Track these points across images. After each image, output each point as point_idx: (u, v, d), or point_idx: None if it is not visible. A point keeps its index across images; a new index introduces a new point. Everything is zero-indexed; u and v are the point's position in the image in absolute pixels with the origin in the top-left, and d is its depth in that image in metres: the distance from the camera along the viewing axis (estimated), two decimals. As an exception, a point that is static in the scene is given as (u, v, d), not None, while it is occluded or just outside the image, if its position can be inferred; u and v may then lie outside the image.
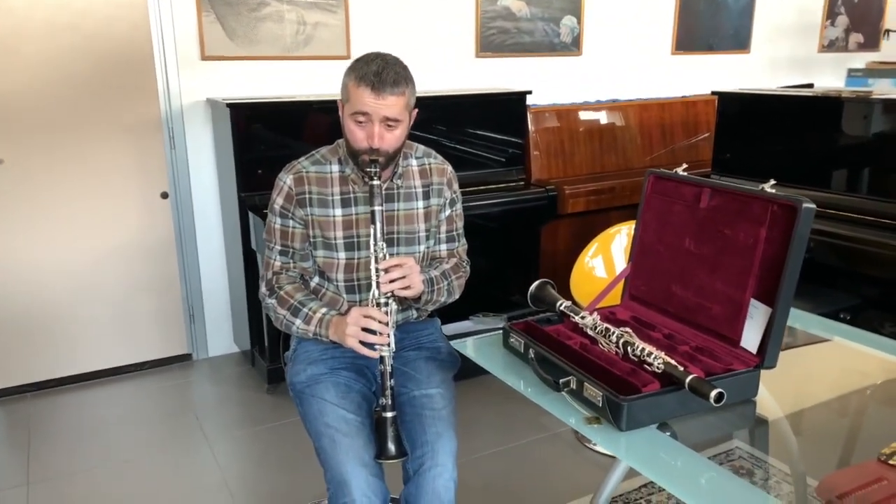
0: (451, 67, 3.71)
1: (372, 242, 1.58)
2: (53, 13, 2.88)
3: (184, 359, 3.45)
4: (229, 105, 2.92)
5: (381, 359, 1.57)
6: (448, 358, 1.83)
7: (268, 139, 3.03)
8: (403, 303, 1.77)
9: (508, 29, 3.78)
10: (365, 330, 1.57)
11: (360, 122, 1.60)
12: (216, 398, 3.14)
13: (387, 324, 1.57)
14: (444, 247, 1.84)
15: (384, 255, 1.59)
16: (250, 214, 2.95)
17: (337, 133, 1.73)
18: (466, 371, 1.82)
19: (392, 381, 1.58)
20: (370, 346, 1.58)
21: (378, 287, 1.58)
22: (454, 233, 1.86)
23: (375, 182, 1.59)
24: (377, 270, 1.57)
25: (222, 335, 3.50)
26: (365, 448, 1.57)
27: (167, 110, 3.16)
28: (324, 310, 1.67)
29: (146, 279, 3.29)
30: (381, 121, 1.58)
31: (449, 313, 2.02)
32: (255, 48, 3.22)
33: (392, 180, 1.74)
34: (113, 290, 3.23)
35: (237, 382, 3.25)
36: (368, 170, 1.60)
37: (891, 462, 1.15)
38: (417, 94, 1.69)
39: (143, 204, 3.22)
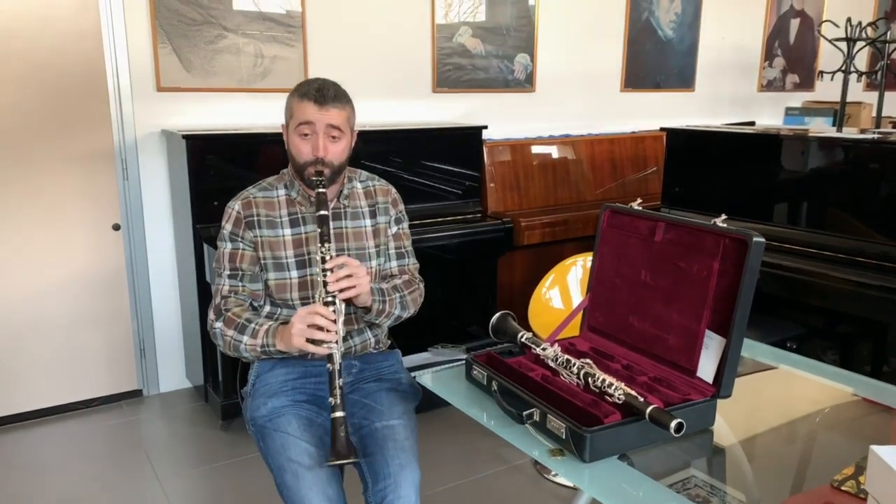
0: (409, 102, 3.76)
1: (318, 244, 1.62)
2: (3, 42, 2.82)
3: (134, 395, 3.35)
4: (185, 136, 2.90)
5: (330, 357, 1.56)
6: (409, 389, 1.84)
7: (224, 170, 3.01)
8: (356, 314, 1.77)
9: (464, 65, 3.86)
10: (311, 328, 1.56)
11: (305, 136, 1.69)
12: (168, 435, 3.05)
13: (334, 321, 1.57)
14: (394, 263, 1.88)
15: (331, 258, 1.62)
16: (205, 246, 2.91)
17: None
18: (424, 403, 1.83)
19: (341, 380, 1.56)
20: (318, 345, 1.56)
21: (325, 286, 1.59)
22: (403, 250, 1.90)
23: (321, 189, 1.66)
24: (323, 271, 1.59)
25: (174, 370, 3.42)
26: (329, 482, 1.55)
27: (120, 141, 3.11)
28: (270, 323, 1.69)
29: (95, 313, 3.20)
30: (324, 131, 1.67)
31: (408, 345, 2.02)
32: (211, 80, 3.21)
33: (339, 200, 1.81)
34: (60, 324, 3.13)
35: (190, 419, 3.17)
36: (314, 179, 1.67)
37: (843, 488, 1.19)
38: (376, 127, 1.75)
39: (94, 236, 3.14)
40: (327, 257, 1.61)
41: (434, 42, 3.75)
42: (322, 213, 1.64)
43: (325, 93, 1.67)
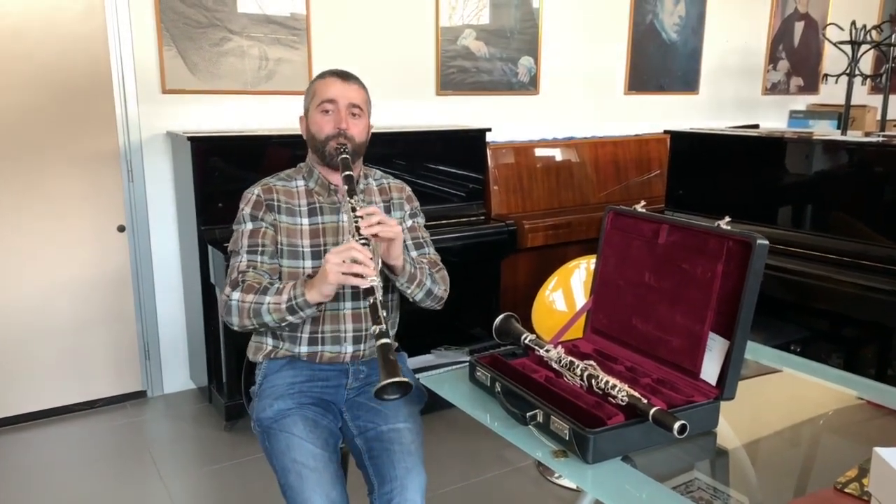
0: (413, 104, 3.77)
1: (346, 198, 1.64)
2: (9, 44, 2.84)
3: (138, 396, 3.36)
4: (190, 138, 2.91)
5: (370, 290, 1.52)
6: (415, 392, 1.83)
7: (228, 173, 3.02)
8: (392, 272, 1.74)
9: (468, 68, 3.87)
10: (348, 263, 1.52)
11: (328, 112, 1.73)
12: (172, 436, 3.05)
13: (371, 258, 1.54)
14: (414, 254, 1.87)
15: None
16: (210, 248, 2.92)
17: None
18: (427, 405, 1.83)
19: (384, 312, 1.51)
20: (357, 278, 1.53)
21: (358, 231, 1.57)
22: (421, 240, 1.90)
23: (345, 155, 1.69)
24: (355, 218, 1.59)
25: (178, 371, 3.43)
26: (332, 484, 1.56)
27: (126, 143, 3.12)
28: (296, 280, 1.65)
29: (100, 314, 3.21)
30: (346, 108, 1.72)
31: (411, 347, 2.03)
32: (216, 82, 3.22)
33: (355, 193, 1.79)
34: (64, 325, 3.14)
35: (194, 420, 3.18)
36: (339, 147, 1.70)
37: (847, 490, 1.19)
38: (381, 130, 1.77)
39: (99, 237, 3.16)
40: (357, 207, 1.62)
41: (438, 44, 3.76)
42: (347, 173, 1.67)
43: (346, 73, 1.77)
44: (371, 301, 1.52)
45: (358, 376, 1.81)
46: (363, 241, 1.57)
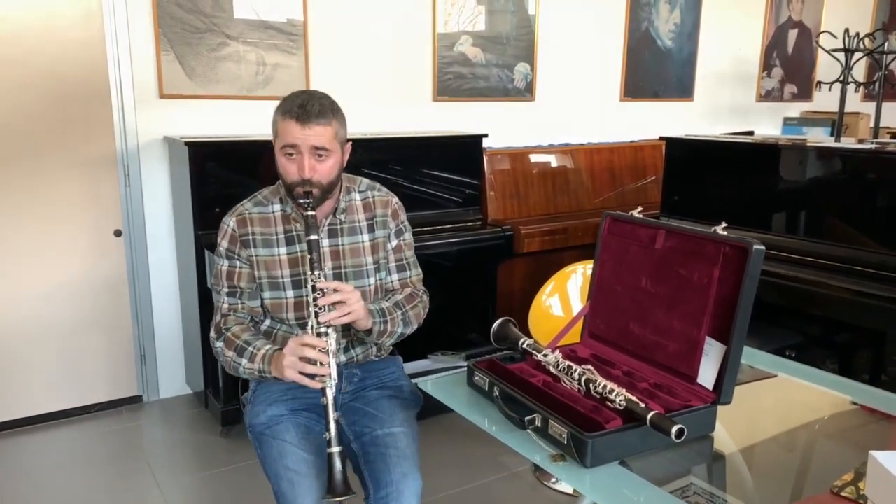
0: (409, 110, 3.78)
1: (308, 271, 1.57)
2: (6, 49, 2.84)
3: (134, 401, 3.35)
4: (187, 143, 2.91)
5: (323, 391, 1.52)
6: (411, 396, 1.84)
7: (225, 178, 3.02)
8: (356, 336, 1.75)
9: (464, 74, 3.89)
10: (304, 360, 1.53)
11: (291, 156, 1.62)
12: (168, 441, 3.05)
13: (326, 352, 1.52)
14: (395, 277, 1.84)
15: (322, 281, 1.57)
16: (206, 253, 2.92)
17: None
18: (423, 411, 1.84)
19: (337, 413, 1.53)
20: (311, 377, 1.53)
21: (317, 318, 1.55)
22: (404, 262, 1.85)
23: (311, 213, 1.59)
24: (315, 300, 1.55)
25: (174, 376, 3.42)
26: (324, 491, 1.56)
27: (123, 147, 3.13)
28: (267, 346, 1.65)
29: (96, 318, 3.20)
30: (309, 151, 1.60)
31: (407, 352, 2.03)
32: (214, 87, 3.23)
33: (335, 215, 1.75)
34: (60, 329, 3.13)
35: (190, 425, 3.17)
36: (302, 201, 1.60)
37: (843, 494, 1.20)
38: (377, 136, 1.74)
39: (96, 241, 3.15)
40: (318, 284, 1.55)
41: (435, 51, 3.77)
42: (311, 237, 1.58)
43: (308, 109, 1.59)
44: (323, 402, 1.52)
45: (352, 380, 1.81)
46: (322, 331, 1.54)
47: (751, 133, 4.77)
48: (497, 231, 3.54)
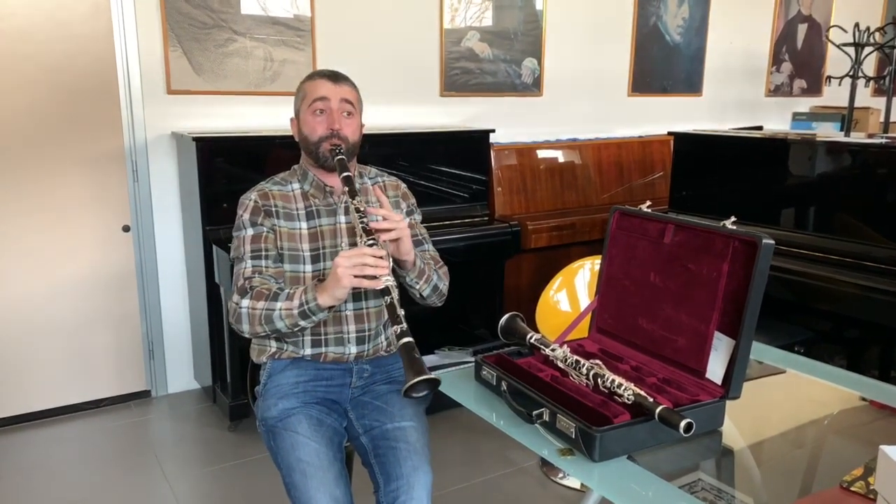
0: (417, 106, 3.77)
1: (350, 200, 1.65)
2: (14, 44, 2.85)
3: (142, 396, 3.37)
4: (195, 139, 2.92)
5: (386, 289, 1.53)
6: (419, 391, 1.84)
7: (233, 173, 3.03)
8: (401, 268, 1.75)
9: (472, 69, 3.88)
10: (359, 266, 1.52)
11: (320, 112, 1.72)
12: (176, 436, 3.06)
13: (381, 257, 1.54)
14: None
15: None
16: (214, 248, 2.93)
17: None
18: (431, 405, 1.83)
19: (402, 312, 1.52)
20: (370, 279, 1.53)
21: (365, 233, 1.59)
22: (420, 237, 1.89)
23: (342, 156, 1.70)
24: (361, 220, 1.60)
25: (182, 371, 3.44)
26: (336, 482, 1.56)
27: (131, 143, 3.14)
28: (306, 285, 1.65)
29: (104, 314, 3.22)
30: (339, 106, 1.72)
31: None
32: (221, 83, 3.23)
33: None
34: (69, 324, 3.15)
35: (198, 420, 3.18)
36: (332, 149, 1.71)
37: (853, 489, 1.19)
38: (385, 131, 1.78)
39: (104, 237, 3.17)
40: (361, 207, 1.63)
41: (442, 46, 3.76)
42: (346, 174, 1.68)
43: (337, 73, 1.76)
44: (388, 301, 1.52)
45: (362, 375, 1.81)
46: (371, 242, 1.57)
47: (760, 128, 4.74)
48: (504, 226, 3.53)
